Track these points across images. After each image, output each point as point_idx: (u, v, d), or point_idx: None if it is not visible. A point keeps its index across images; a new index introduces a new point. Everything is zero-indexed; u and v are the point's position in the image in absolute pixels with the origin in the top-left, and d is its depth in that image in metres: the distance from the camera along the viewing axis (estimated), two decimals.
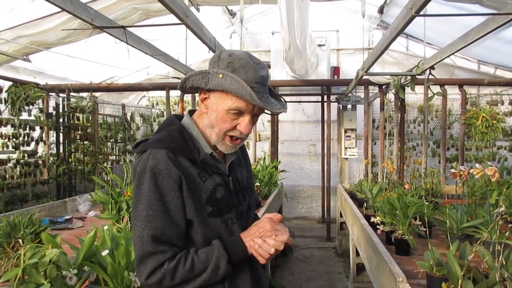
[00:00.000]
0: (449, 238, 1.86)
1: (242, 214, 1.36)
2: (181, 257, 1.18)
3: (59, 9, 2.79)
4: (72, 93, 6.46)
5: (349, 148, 7.57)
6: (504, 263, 1.50)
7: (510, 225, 1.70)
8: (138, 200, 1.20)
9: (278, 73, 6.73)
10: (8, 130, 5.75)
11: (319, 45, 6.64)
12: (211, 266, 1.18)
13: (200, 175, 1.27)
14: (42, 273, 1.40)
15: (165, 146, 1.23)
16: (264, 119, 7.92)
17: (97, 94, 7.07)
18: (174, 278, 1.16)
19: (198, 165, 1.27)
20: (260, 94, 1.20)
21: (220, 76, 1.19)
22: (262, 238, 1.23)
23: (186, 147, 1.26)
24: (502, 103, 7.35)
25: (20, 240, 2.06)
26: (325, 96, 7.04)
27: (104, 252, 1.54)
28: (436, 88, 5.09)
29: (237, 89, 1.16)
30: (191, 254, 1.20)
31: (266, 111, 1.25)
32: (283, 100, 1.33)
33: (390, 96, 6.82)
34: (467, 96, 6.23)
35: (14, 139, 5.79)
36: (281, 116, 7.45)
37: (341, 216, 5.45)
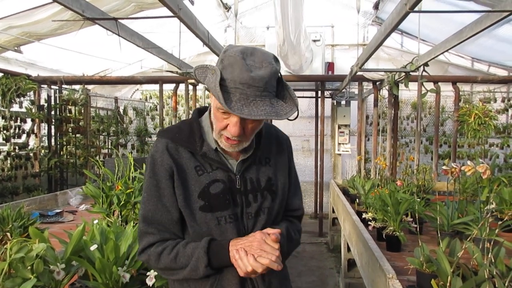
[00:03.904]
0: (439, 234, 1.86)
1: (249, 215, 1.28)
2: (168, 245, 1.23)
3: (51, 0, 2.74)
4: (64, 86, 6.39)
5: (343, 144, 7.58)
6: (493, 260, 1.50)
7: (500, 222, 1.71)
8: (144, 182, 1.31)
9: None
10: None
11: (314, 41, 6.62)
12: (190, 265, 1.20)
13: (198, 168, 1.26)
14: (28, 267, 1.38)
15: (168, 136, 1.29)
16: None
17: (89, 86, 7.00)
18: (159, 263, 1.23)
19: (199, 158, 1.27)
20: (243, 96, 1.10)
21: (212, 73, 1.15)
22: (247, 253, 1.15)
23: (189, 140, 1.28)
24: (495, 101, 7.38)
25: (8, 234, 2.04)
26: (319, 92, 7.03)
27: (93, 247, 1.53)
28: (429, 85, 5.10)
29: (212, 89, 1.12)
30: (179, 246, 1.23)
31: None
32: (292, 105, 1.18)
33: (384, 92, 6.83)
34: (461, 93, 6.25)
35: (4, 131, 5.72)
36: None
37: (333, 211, 5.46)
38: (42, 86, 6.29)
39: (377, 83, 5.95)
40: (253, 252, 1.15)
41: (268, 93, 1.14)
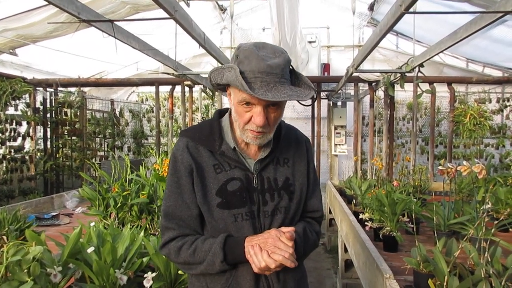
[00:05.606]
0: (436, 234, 1.87)
1: (265, 214, 1.30)
2: (187, 240, 1.27)
3: (46, 2, 2.73)
4: (60, 88, 6.37)
5: (339, 145, 7.59)
6: (489, 259, 1.51)
7: (496, 222, 1.72)
8: (167, 179, 1.35)
9: None
10: None
11: (310, 42, 6.65)
12: (207, 260, 1.23)
13: (216, 167, 1.30)
14: (25, 270, 1.38)
15: (188, 135, 1.34)
16: None
17: (85, 89, 6.98)
18: (178, 257, 1.26)
19: (218, 157, 1.31)
20: (264, 83, 1.15)
21: (229, 70, 1.20)
22: (262, 249, 1.18)
23: (209, 139, 1.32)
24: (490, 101, 7.43)
25: (4, 237, 2.03)
26: (315, 93, 7.03)
27: (90, 249, 1.52)
28: (425, 86, 5.12)
29: (234, 81, 1.16)
30: (198, 241, 1.26)
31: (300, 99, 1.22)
32: (309, 89, 1.25)
33: (380, 93, 6.85)
34: (456, 94, 6.28)
35: (0, 134, 5.70)
36: None
37: (330, 212, 5.47)
38: (37, 88, 6.27)
39: (373, 84, 5.97)
40: (268, 248, 1.17)
41: (285, 80, 1.20)
